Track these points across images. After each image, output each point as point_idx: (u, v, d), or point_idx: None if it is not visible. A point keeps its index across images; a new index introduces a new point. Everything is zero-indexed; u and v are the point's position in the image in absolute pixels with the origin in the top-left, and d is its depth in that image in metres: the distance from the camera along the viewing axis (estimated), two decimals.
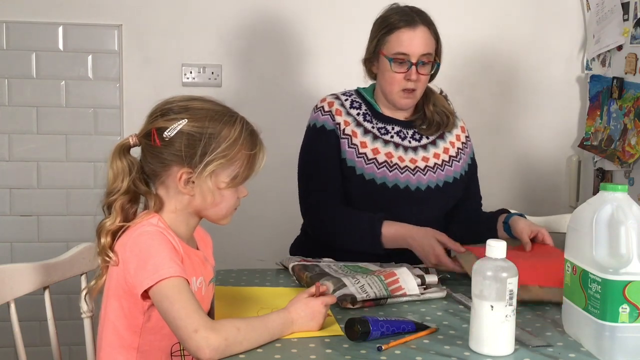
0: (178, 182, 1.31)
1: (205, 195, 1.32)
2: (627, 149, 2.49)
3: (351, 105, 1.98)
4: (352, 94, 2.02)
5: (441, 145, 2.00)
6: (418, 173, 1.93)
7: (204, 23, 2.65)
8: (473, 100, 2.81)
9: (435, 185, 1.95)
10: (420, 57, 1.88)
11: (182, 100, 1.34)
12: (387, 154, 1.93)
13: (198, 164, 1.30)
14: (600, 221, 1.23)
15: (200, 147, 1.29)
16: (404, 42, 1.87)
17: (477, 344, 1.22)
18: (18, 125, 2.59)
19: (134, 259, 1.26)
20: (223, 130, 1.31)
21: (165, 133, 1.30)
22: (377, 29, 1.94)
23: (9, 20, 2.55)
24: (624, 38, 2.54)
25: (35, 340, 2.22)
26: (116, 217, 1.32)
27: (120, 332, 1.32)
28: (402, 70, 1.88)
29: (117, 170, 1.34)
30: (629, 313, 1.17)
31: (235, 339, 1.19)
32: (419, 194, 1.92)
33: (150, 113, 1.35)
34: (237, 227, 2.22)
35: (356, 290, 1.48)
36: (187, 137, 1.30)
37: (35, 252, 2.51)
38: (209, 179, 1.31)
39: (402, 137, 1.96)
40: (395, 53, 1.88)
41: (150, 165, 1.34)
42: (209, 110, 1.33)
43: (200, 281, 1.37)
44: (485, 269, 1.20)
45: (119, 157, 1.34)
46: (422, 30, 1.89)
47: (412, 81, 1.89)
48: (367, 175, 1.90)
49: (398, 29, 1.88)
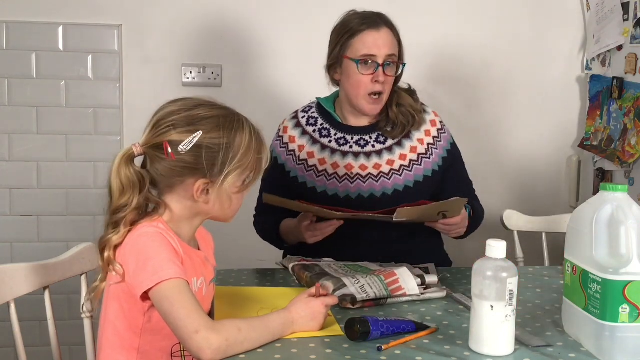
0: (194, 192, 1.30)
1: (220, 202, 1.33)
2: (627, 149, 2.49)
3: (307, 123, 2.00)
4: (311, 107, 2.04)
5: (407, 145, 1.96)
6: (382, 178, 1.91)
7: (204, 23, 2.65)
8: (473, 100, 2.81)
9: (404, 187, 1.93)
10: (386, 57, 1.87)
11: (187, 109, 1.31)
12: (347, 166, 1.92)
13: (218, 175, 1.29)
14: (600, 221, 1.23)
15: (220, 159, 1.29)
16: (369, 43, 1.87)
17: (477, 344, 1.22)
18: (18, 125, 2.59)
19: (134, 261, 1.26)
20: (236, 138, 1.30)
21: (180, 147, 1.27)
22: (339, 34, 1.92)
23: (9, 20, 2.55)
24: (624, 38, 2.55)
25: (35, 340, 2.22)
26: (124, 232, 1.30)
27: (120, 332, 1.32)
28: (369, 72, 1.87)
29: (125, 184, 1.29)
30: (629, 313, 1.17)
31: (236, 340, 1.20)
32: (385, 198, 1.90)
33: (155, 123, 1.31)
34: (238, 228, 2.21)
35: (356, 290, 1.48)
36: (205, 150, 1.28)
37: (35, 252, 2.51)
38: (227, 187, 1.31)
39: (362, 145, 1.94)
40: (361, 55, 1.87)
41: (161, 176, 1.32)
42: (218, 118, 1.31)
43: (201, 282, 1.37)
44: (485, 269, 1.20)
45: (126, 168, 1.29)
46: (385, 32, 1.89)
47: (379, 83, 1.87)
48: (329, 191, 1.91)
49: (362, 31, 1.88)
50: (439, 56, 2.73)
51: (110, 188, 1.30)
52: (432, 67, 2.69)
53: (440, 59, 2.75)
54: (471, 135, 2.12)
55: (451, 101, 2.64)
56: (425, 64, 2.70)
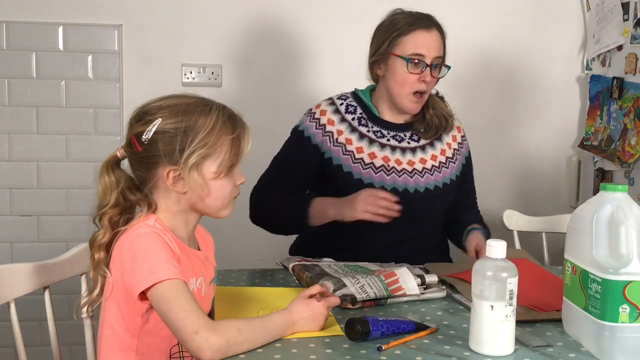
0: (167, 181, 1.31)
1: (195, 189, 1.31)
2: (627, 149, 2.49)
3: (346, 110, 1.98)
4: (347, 96, 2.02)
5: (438, 146, 2.00)
6: (416, 175, 1.94)
7: (204, 23, 2.65)
8: (473, 100, 2.81)
9: (434, 186, 1.96)
10: (433, 59, 1.89)
11: (156, 102, 1.34)
12: (384, 158, 1.93)
13: (179, 159, 1.28)
14: (600, 221, 1.23)
15: (178, 142, 1.28)
16: (420, 42, 1.88)
17: (477, 344, 1.22)
18: (18, 125, 2.59)
19: (130, 261, 1.25)
20: (199, 121, 1.29)
21: (143, 137, 1.30)
22: (388, 31, 1.92)
23: (9, 20, 2.55)
24: (624, 38, 2.55)
25: (35, 340, 2.22)
26: (106, 231, 1.33)
27: (118, 334, 1.31)
28: (417, 72, 1.88)
29: (106, 185, 1.34)
30: (629, 313, 1.17)
31: (236, 340, 1.19)
32: (417, 195, 1.92)
33: (129, 121, 1.36)
34: (238, 227, 2.22)
35: (356, 290, 1.48)
36: (163, 135, 1.29)
37: (35, 252, 2.51)
38: (194, 171, 1.29)
39: (398, 140, 1.96)
40: (411, 54, 1.87)
41: (138, 172, 1.34)
42: (182, 105, 1.32)
43: (200, 282, 1.36)
44: (485, 269, 1.20)
45: (107, 172, 1.34)
46: (435, 33, 1.90)
47: (425, 83, 1.89)
48: (365, 180, 1.91)
49: (412, 30, 1.88)
50: None
51: (98, 188, 1.36)
52: None
53: None
54: (471, 135, 2.12)
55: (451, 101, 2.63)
56: None
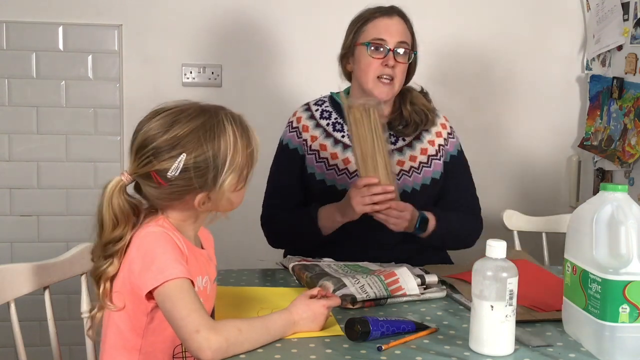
0: (196, 204, 1.29)
1: (220, 205, 1.31)
2: (627, 149, 2.49)
3: (321, 116, 1.98)
4: (324, 101, 2.02)
5: (418, 146, 1.97)
6: None
7: (204, 23, 2.65)
8: (473, 100, 2.81)
9: (412, 189, 1.93)
10: (397, 44, 1.88)
11: (164, 130, 1.27)
12: None
13: (213, 185, 1.28)
14: (600, 221, 1.23)
15: (211, 172, 1.27)
16: (381, 28, 1.89)
17: (477, 344, 1.22)
18: (18, 125, 2.59)
19: (139, 260, 1.25)
20: (220, 143, 1.27)
21: (169, 174, 1.26)
22: (353, 24, 1.95)
23: (9, 20, 2.55)
24: (624, 38, 2.55)
25: (35, 340, 2.22)
26: (119, 262, 1.29)
27: (123, 333, 1.31)
28: (379, 56, 1.88)
29: (118, 216, 1.28)
30: (629, 313, 1.17)
31: (237, 340, 1.20)
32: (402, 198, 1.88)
33: (137, 151, 1.28)
34: (238, 227, 2.22)
35: (356, 290, 1.48)
36: (193, 170, 1.26)
37: (35, 252, 2.51)
38: (225, 190, 1.29)
39: None
40: (372, 39, 1.88)
41: (157, 200, 1.31)
42: (197, 131, 1.27)
43: (206, 280, 1.36)
44: (485, 269, 1.20)
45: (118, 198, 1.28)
46: (397, 19, 1.91)
47: (389, 67, 1.87)
48: (339, 186, 1.90)
49: (375, 18, 1.90)
50: (439, 56, 2.73)
51: (102, 220, 1.29)
52: (432, 67, 2.68)
53: (441, 59, 2.75)
54: (471, 135, 2.12)
55: (451, 101, 2.64)
56: (426, 64, 2.67)
